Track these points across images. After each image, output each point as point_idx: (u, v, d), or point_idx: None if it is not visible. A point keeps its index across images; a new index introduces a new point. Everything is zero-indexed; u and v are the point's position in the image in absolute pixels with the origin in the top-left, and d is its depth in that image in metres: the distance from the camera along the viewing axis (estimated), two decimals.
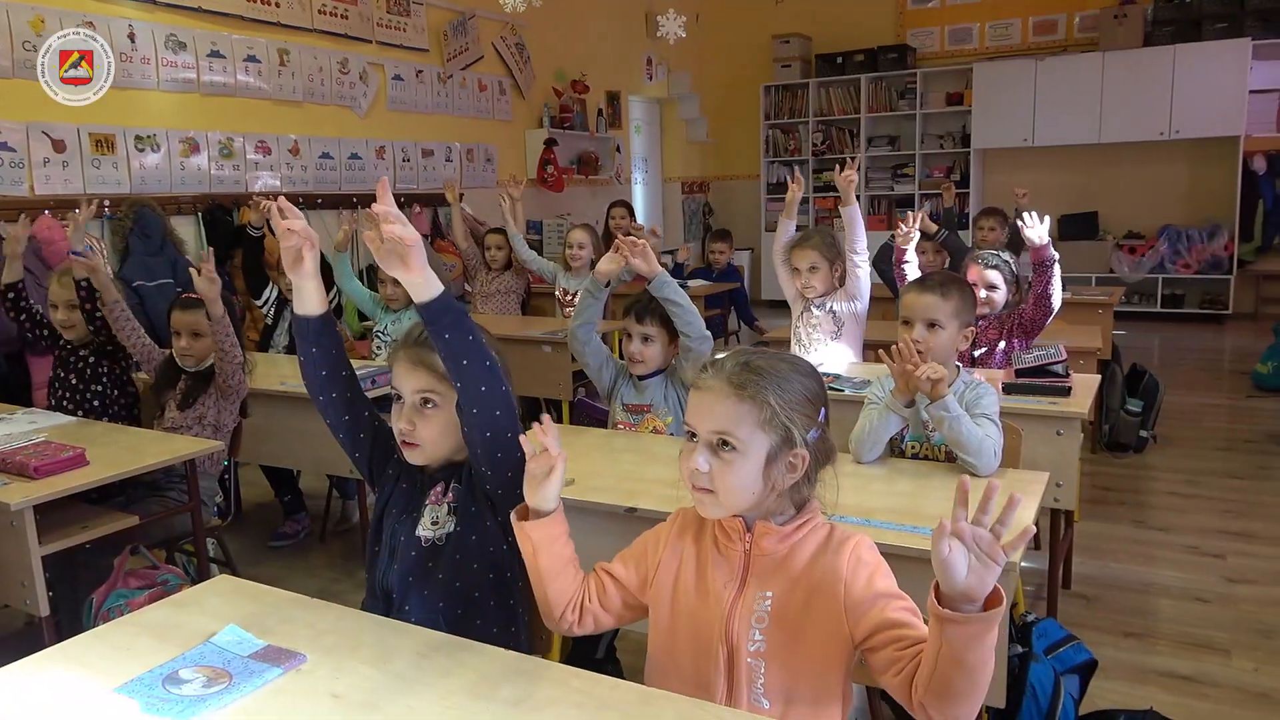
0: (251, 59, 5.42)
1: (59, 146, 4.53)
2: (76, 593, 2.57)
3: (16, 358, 4.16)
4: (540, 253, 7.35)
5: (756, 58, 9.84)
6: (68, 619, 2.56)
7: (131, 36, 4.81)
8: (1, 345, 4.07)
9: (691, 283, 6.04)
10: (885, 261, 4.35)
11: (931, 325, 2.39)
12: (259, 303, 4.22)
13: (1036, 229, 3.16)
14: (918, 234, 3.66)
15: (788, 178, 3.68)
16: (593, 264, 5.07)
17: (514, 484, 1.45)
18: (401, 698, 1.29)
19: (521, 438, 1.40)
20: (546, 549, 1.41)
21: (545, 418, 1.38)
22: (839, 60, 9.45)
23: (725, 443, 1.31)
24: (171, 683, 1.32)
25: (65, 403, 3.25)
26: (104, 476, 2.46)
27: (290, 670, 1.36)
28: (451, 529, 1.62)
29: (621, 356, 2.85)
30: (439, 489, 1.65)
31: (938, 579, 1.11)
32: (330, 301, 4.27)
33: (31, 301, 3.36)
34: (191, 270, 2.95)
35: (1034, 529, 1.08)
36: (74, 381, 3.26)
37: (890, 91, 9.34)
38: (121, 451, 2.64)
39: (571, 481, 2.20)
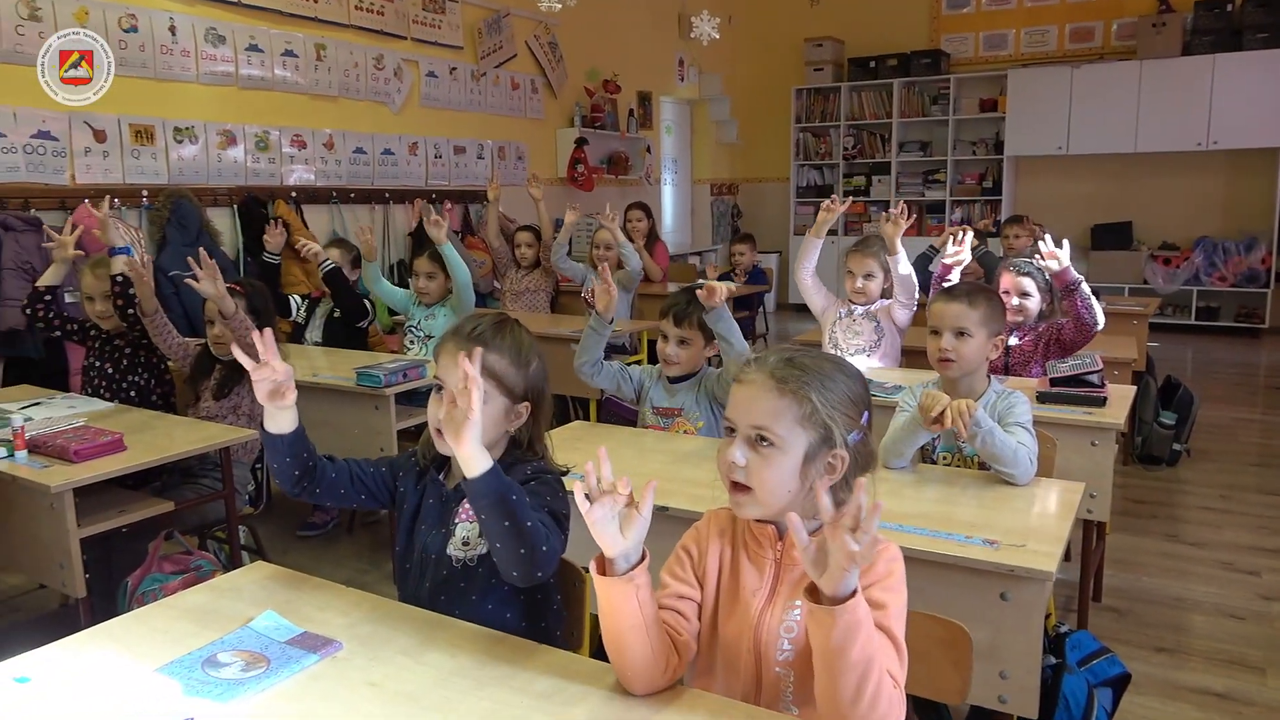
0: (289, 53, 5.48)
1: (100, 136, 4.60)
2: (112, 576, 2.61)
3: (54, 343, 4.22)
4: (569, 252, 7.39)
5: (788, 60, 9.82)
6: (102, 601, 2.58)
7: (172, 29, 4.87)
8: (41, 331, 4.13)
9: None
10: (922, 270, 4.34)
11: (960, 334, 2.36)
12: (288, 318, 4.28)
13: (1053, 256, 3.12)
14: (968, 256, 3.60)
15: (829, 199, 3.59)
16: (621, 265, 5.08)
17: None
18: (437, 688, 1.30)
19: (579, 492, 1.22)
20: (649, 594, 1.25)
21: (601, 451, 1.25)
22: (872, 64, 9.40)
23: (763, 438, 1.30)
24: (210, 665, 1.33)
25: (102, 391, 3.29)
26: (142, 462, 2.49)
27: (326, 657, 1.37)
28: (483, 550, 1.61)
29: (651, 360, 2.84)
30: (468, 505, 1.63)
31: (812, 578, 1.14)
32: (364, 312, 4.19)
33: (62, 293, 3.38)
34: (188, 280, 2.97)
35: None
36: (110, 371, 3.30)
37: (923, 97, 9.28)
38: (158, 438, 2.68)
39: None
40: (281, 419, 1.57)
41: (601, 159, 8.11)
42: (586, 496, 1.22)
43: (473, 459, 1.36)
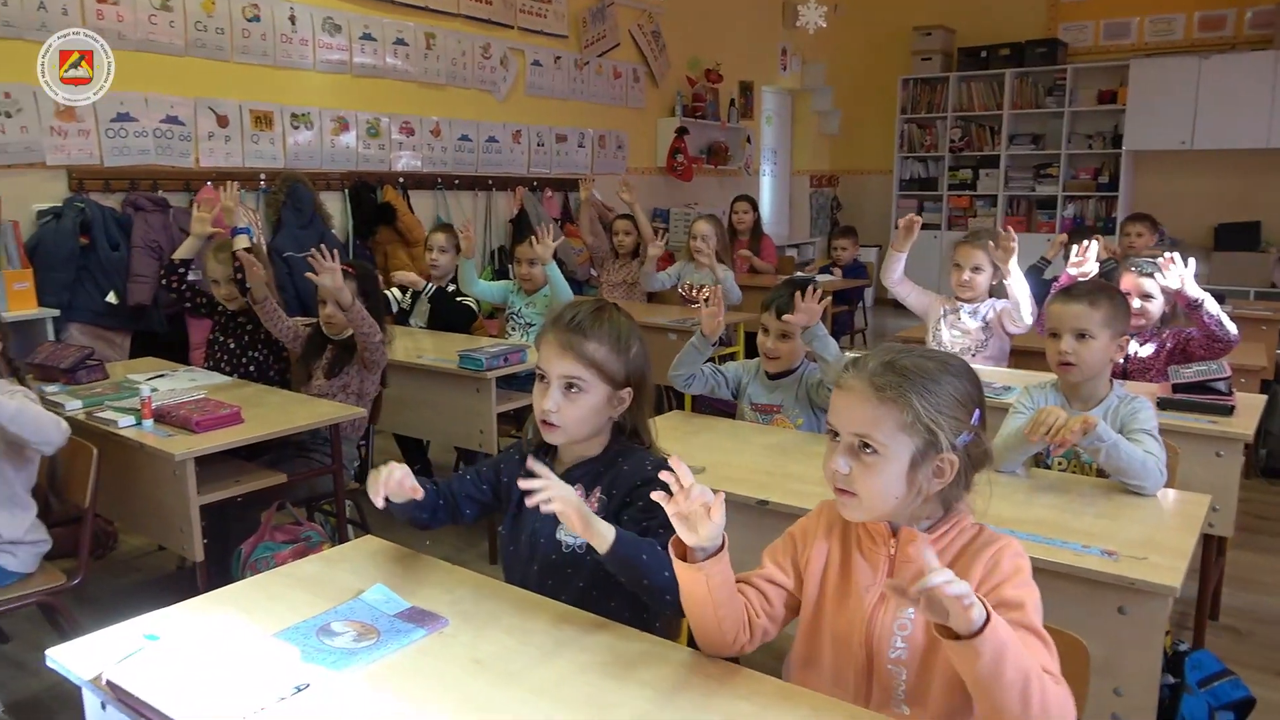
0: (400, 42, 5.61)
1: (223, 121, 4.80)
2: (227, 542, 2.72)
3: (177, 319, 4.43)
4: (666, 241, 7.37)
5: (895, 50, 9.57)
6: (217, 566, 2.71)
7: (292, 19, 5.04)
8: (165, 307, 4.35)
9: (820, 277, 5.94)
10: (1035, 282, 4.21)
11: (1081, 336, 2.24)
12: (390, 313, 4.37)
13: (1173, 272, 2.94)
14: (1093, 269, 3.45)
15: (909, 217, 3.48)
16: (718, 257, 5.04)
17: None
18: (540, 669, 1.31)
19: (659, 493, 1.27)
20: (720, 581, 1.30)
21: (674, 461, 1.27)
22: (983, 54, 9.09)
23: (866, 445, 1.27)
24: (325, 634, 1.38)
25: (223, 365, 3.44)
26: (258, 434, 2.60)
27: (433, 633, 1.40)
28: None
29: (749, 353, 2.80)
30: (579, 491, 1.63)
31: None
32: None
33: (192, 270, 3.56)
34: (309, 275, 3.06)
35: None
36: (232, 346, 3.44)
37: (1037, 88, 8.93)
38: (273, 412, 2.79)
39: (702, 469, 2.19)
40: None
41: (701, 149, 8.07)
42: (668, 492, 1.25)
43: (596, 537, 1.41)
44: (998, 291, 3.50)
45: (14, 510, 2.31)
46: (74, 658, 1.33)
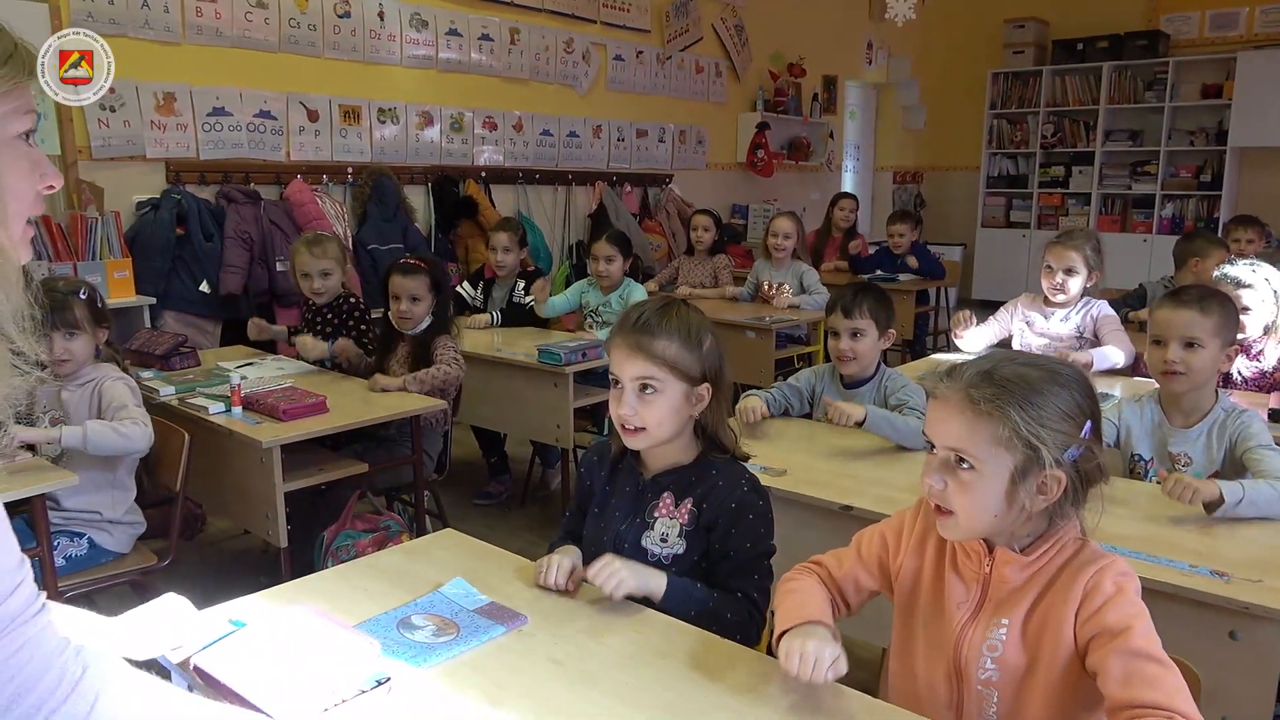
0: (485, 37, 5.66)
1: (313, 116, 4.91)
2: (310, 528, 2.77)
3: (265, 309, 4.55)
4: (744, 237, 7.30)
5: (985, 43, 9.29)
6: (299, 549, 2.76)
7: (381, 15, 5.13)
8: (254, 296, 4.47)
9: (902, 277, 5.78)
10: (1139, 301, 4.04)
11: (1189, 345, 2.11)
12: (463, 312, 4.31)
13: None
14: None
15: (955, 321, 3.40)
16: (795, 254, 4.95)
17: None
18: (619, 672, 1.29)
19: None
20: None
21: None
22: (1079, 47, 8.76)
23: (962, 460, 1.20)
24: (405, 627, 1.38)
25: None
26: (342, 424, 2.64)
27: (512, 630, 1.39)
28: (680, 550, 1.59)
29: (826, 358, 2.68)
30: (669, 499, 1.61)
31: None
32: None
33: (275, 262, 3.57)
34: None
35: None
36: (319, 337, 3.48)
37: (1136, 81, 8.57)
38: (357, 402, 2.83)
39: (784, 472, 2.15)
40: None
41: (782, 144, 7.96)
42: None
43: (651, 592, 1.48)
44: (1091, 293, 3.33)
45: (115, 492, 2.40)
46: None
